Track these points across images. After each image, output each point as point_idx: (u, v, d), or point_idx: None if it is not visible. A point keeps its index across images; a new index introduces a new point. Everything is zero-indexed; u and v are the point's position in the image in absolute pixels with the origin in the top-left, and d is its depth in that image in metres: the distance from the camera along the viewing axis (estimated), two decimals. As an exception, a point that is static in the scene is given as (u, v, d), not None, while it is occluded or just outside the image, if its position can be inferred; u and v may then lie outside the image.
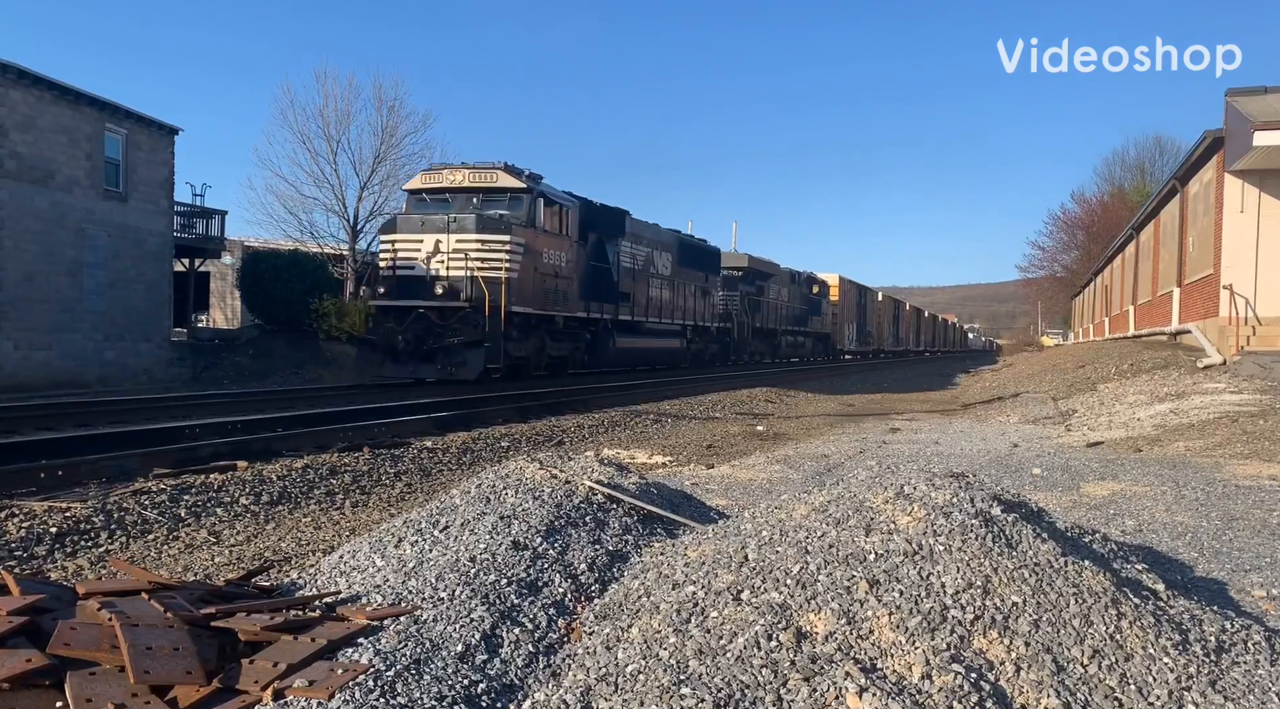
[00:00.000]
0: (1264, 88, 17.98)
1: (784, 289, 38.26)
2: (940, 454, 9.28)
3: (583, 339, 20.72)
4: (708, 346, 29.60)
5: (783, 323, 38.19)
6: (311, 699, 2.47)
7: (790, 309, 39.22)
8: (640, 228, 24.01)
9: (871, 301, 55.24)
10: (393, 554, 3.68)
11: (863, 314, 51.91)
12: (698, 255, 28.18)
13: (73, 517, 5.45)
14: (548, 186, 18.96)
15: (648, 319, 23.89)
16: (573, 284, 19.60)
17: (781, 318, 38.17)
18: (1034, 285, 79.12)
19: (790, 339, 39.38)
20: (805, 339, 41.54)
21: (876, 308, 56.45)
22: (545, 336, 18.79)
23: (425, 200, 18.18)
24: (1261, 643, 2.96)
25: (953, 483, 3.57)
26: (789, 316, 39.06)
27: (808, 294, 41.48)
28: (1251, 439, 9.18)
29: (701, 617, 2.93)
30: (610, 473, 4.61)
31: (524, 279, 17.28)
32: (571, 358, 20.29)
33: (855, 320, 50.26)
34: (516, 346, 17.35)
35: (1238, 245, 17.95)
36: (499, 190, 17.98)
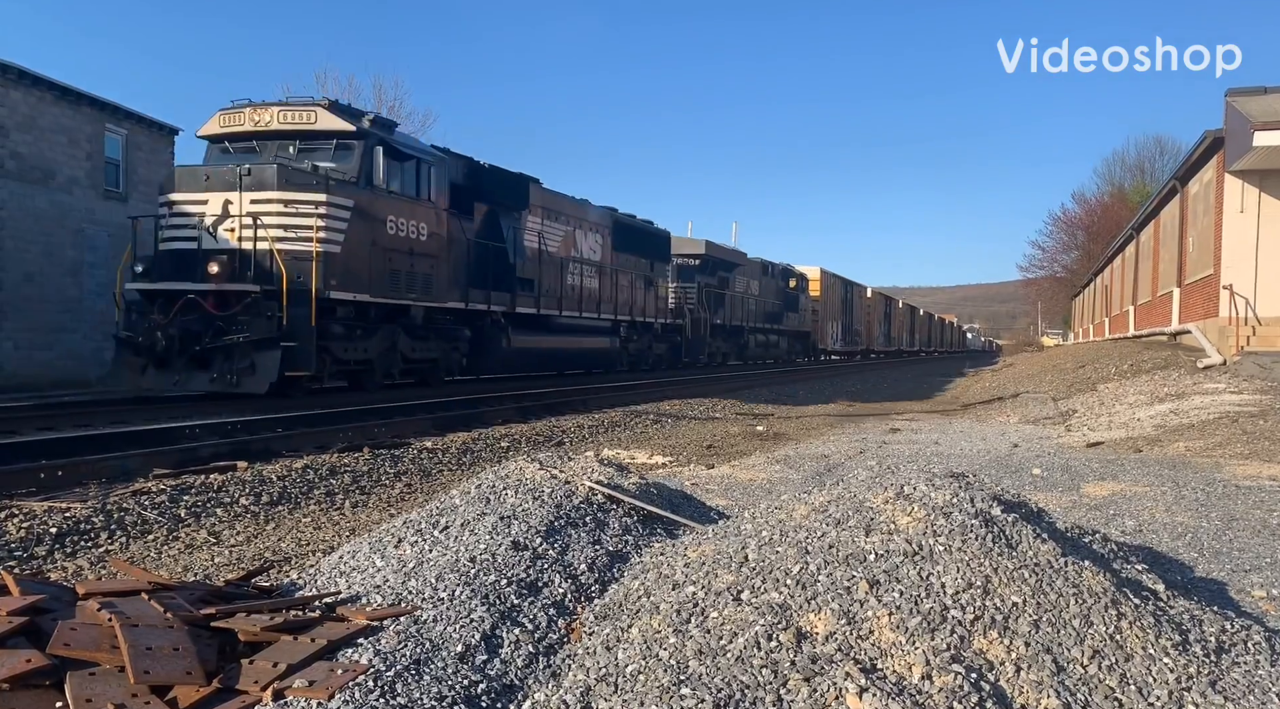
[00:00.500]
0: (1264, 88, 18.00)
1: (754, 282, 33.92)
2: (940, 454, 9.29)
3: (460, 337, 16.16)
4: (651, 346, 25.00)
5: (751, 319, 33.60)
6: (311, 699, 2.47)
7: (761, 304, 34.89)
8: (554, 201, 19.39)
9: (859, 298, 51.20)
10: (393, 554, 3.68)
11: (849, 311, 48.14)
12: (639, 239, 23.48)
13: (73, 517, 5.45)
14: (402, 136, 14.78)
15: (561, 313, 19.10)
16: (441, 266, 14.97)
17: (750, 314, 33.46)
18: (1034, 285, 79.19)
19: (761, 338, 35.00)
20: (780, 338, 37.35)
21: (865, 305, 52.84)
22: (399, 334, 14.44)
23: (228, 151, 13.55)
24: (1262, 643, 2.96)
25: (953, 483, 3.57)
26: (760, 313, 34.69)
27: (783, 288, 37.50)
28: (1251, 439, 9.18)
29: (701, 617, 2.93)
30: (610, 473, 4.61)
31: (353, 255, 12.86)
32: (445, 361, 15.97)
33: (840, 318, 46.54)
34: (345, 347, 13.19)
35: (1238, 245, 17.96)
36: (321, 135, 13.37)
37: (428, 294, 14.76)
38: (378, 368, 14.13)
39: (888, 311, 60.25)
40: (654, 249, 24.76)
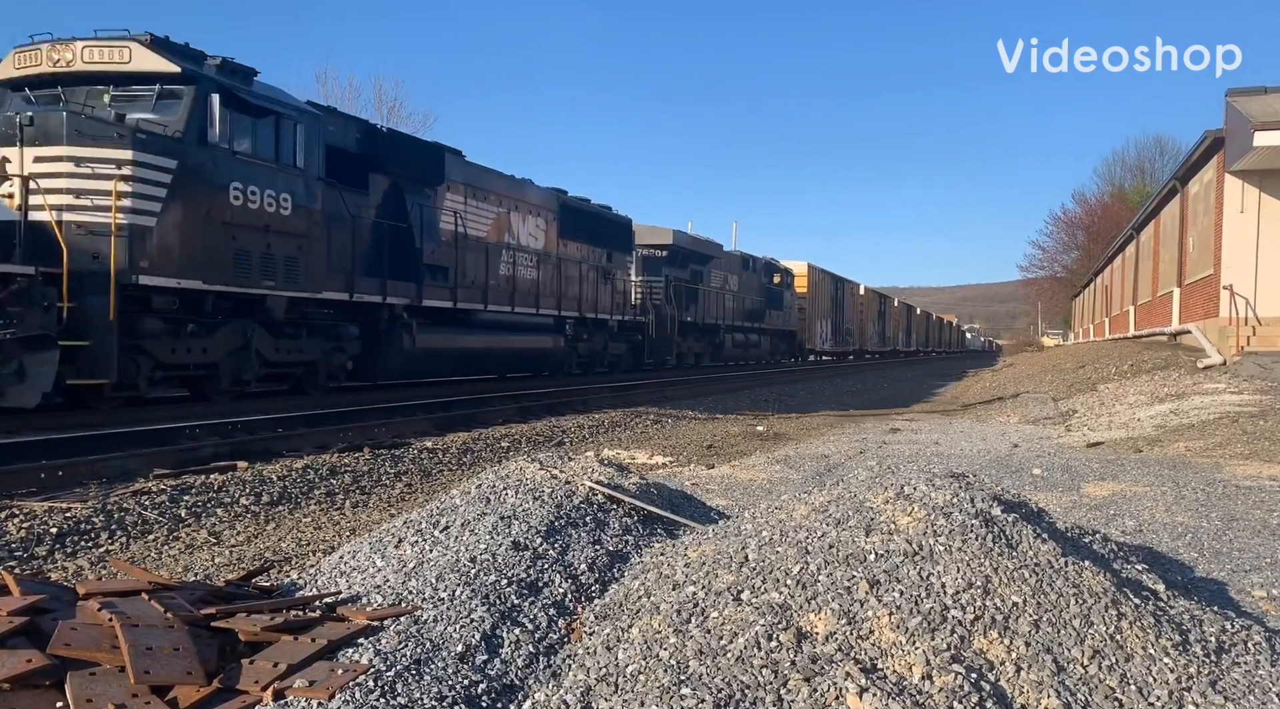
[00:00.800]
0: (1264, 88, 18.01)
1: (732, 277, 30.84)
2: (940, 454, 9.29)
3: (345, 335, 13.19)
4: (607, 346, 21.75)
5: (729, 317, 30.44)
6: (312, 699, 2.47)
7: (741, 301, 31.60)
8: (481, 177, 16.29)
9: (850, 295, 48.23)
10: (393, 554, 3.68)
11: (839, 309, 45.37)
12: (593, 225, 20.31)
13: (73, 517, 5.45)
14: (261, 86, 11.60)
15: (486, 306, 16.04)
16: (314, 248, 11.99)
17: (727, 311, 30.25)
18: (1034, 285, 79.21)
19: (740, 337, 31.85)
20: (762, 337, 34.17)
21: (857, 302, 49.97)
22: (254, 331, 11.46)
23: (30, 99, 10.55)
24: (1262, 643, 2.96)
25: (953, 483, 3.57)
26: (739, 310, 31.46)
27: (766, 284, 34.33)
28: (1252, 439, 9.18)
29: (702, 617, 2.93)
30: (610, 473, 4.61)
31: (176, 231, 10.09)
32: (324, 364, 13.02)
33: (830, 316, 43.70)
34: (172, 347, 10.39)
35: (1238, 246, 17.96)
36: (139, 78, 10.41)
37: (292, 282, 11.75)
38: (224, 372, 11.24)
39: (882, 310, 57.59)
40: (612, 237, 21.31)
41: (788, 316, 36.86)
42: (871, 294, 54.79)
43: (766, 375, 27.11)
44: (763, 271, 34.35)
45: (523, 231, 17.62)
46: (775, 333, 35.71)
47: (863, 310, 51.41)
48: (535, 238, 18.06)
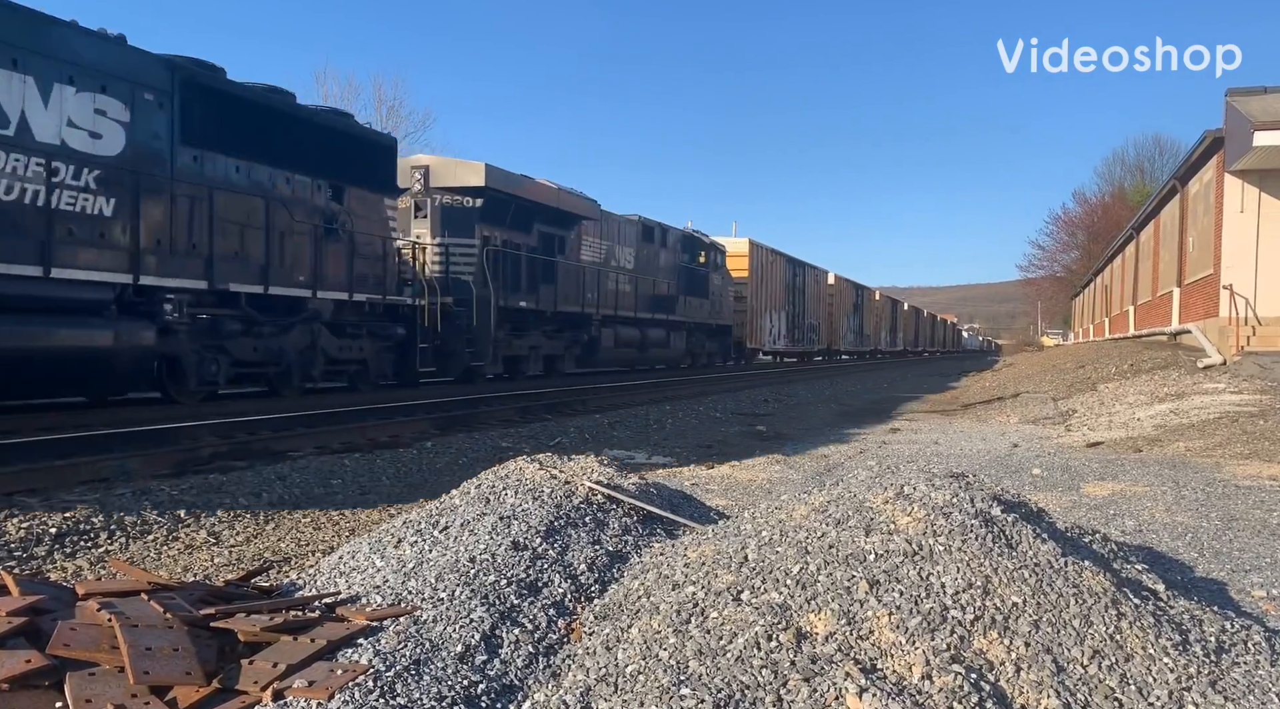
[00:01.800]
0: (1264, 88, 18.01)
1: (622, 250, 22.19)
2: (940, 454, 9.29)
3: None
4: (317, 344, 12.44)
5: (612, 304, 21.42)
6: (311, 700, 2.47)
7: (637, 283, 22.84)
8: None
9: (815, 284, 40.49)
10: (392, 555, 3.68)
11: (798, 300, 37.57)
12: (282, 131, 11.77)
13: (73, 517, 5.45)
14: None
15: None
16: None
17: (608, 296, 21.26)
18: (1034, 285, 79.26)
19: (630, 333, 22.37)
20: (674, 334, 25.18)
21: (825, 294, 42.31)
22: None
23: None
24: (1262, 643, 2.96)
25: (952, 483, 3.57)
26: (636, 296, 22.73)
27: (685, 265, 25.70)
28: (1251, 439, 9.18)
29: (701, 617, 2.93)
30: (610, 473, 4.61)
31: None
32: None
33: (784, 309, 35.74)
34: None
35: (1238, 245, 17.97)
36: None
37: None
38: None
39: (858, 303, 49.44)
40: (339, 158, 12.63)
41: (717, 307, 27.94)
42: (845, 284, 46.34)
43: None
44: (678, 247, 25.46)
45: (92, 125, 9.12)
46: (698, 328, 26.92)
47: (833, 303, 43.67)
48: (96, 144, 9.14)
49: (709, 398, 17.18)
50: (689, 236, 26.97)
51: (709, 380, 21.72)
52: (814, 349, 40.76)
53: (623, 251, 22.46)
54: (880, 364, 45.07)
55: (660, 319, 24.41)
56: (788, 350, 37.42)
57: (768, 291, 33.87)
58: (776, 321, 35.01)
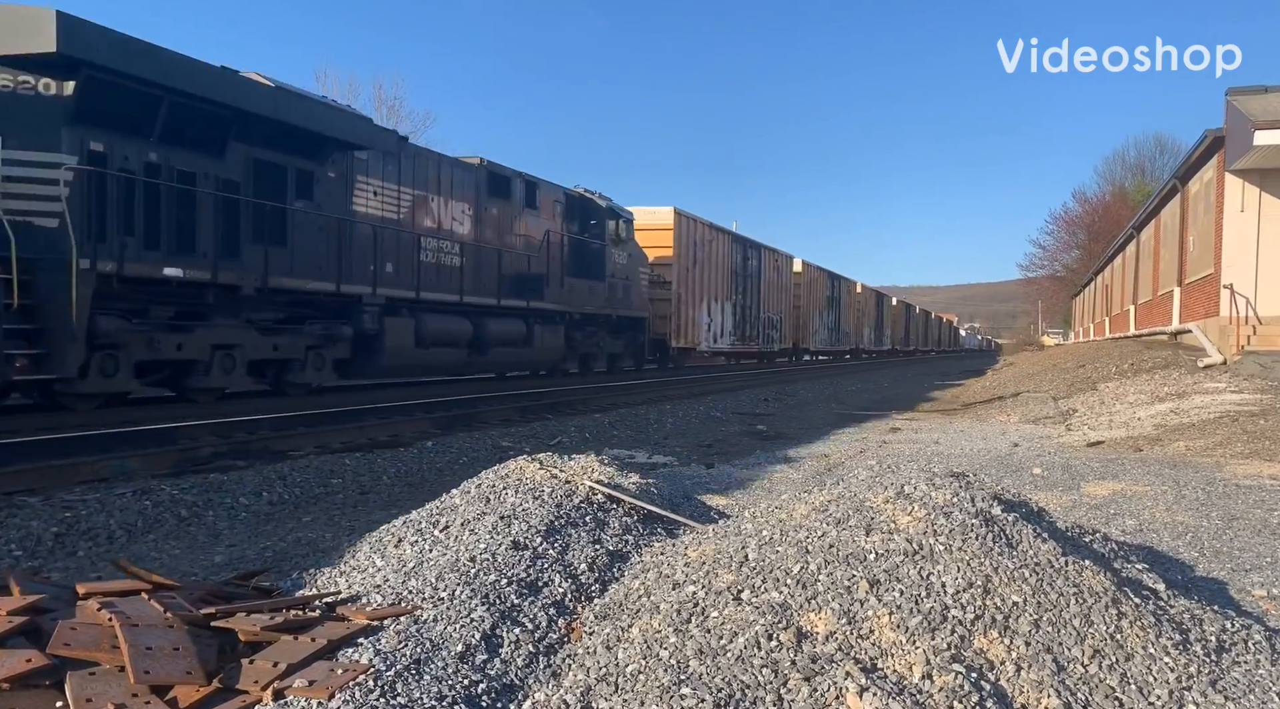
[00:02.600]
0: (1264, 87, 18.01)
1: (454, 207, 15.35)
2: (940, 454, 9.28)
3: None
4: None
5: (412, 282, 14.09)
6: (311, 699, 2.47)
7: (481, 256, 15.86)
8: None
9: (775, 272, 33.28)
10: (393, 554, 3.68)
11: (750, 290, 30.51)
12: None
13: (73, 517, 5.45)
14: None
15: None
16: None
17: (413, 271, 14.13)
18: (1035, 285, 79.26)
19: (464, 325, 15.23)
20: (549, 328, 17.76)
21: (788, 283, 35.04)
22: None
23: None
24: (1262, 642, 2.96)
25: (953, 482, 3.57)
26: (475, 273, 15.67)
27: (571, 235, 18.71)
28: (1252, 439, 9.18)
29: (702, 617, 2.93)
30: (610, 473, 4.61)
31: None
32: None
33: (732, 299, 28.84)
34: None
35: (1238, 245, 17.97)
36: None
37: None
38: None
39: (835, 296, 42.09)
40: None
41: (619, 293, 20.58)
42: (817, 273, 39.46)
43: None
44: (556, 211, 18.19)
45: None
46: (589, 321, 19.56)
47: (801, 295, 36.71)
48: None
49: (708, 398, 17.19)
50: (576, 198, 19.07)
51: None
52: (774, 349, 33.80)
53: (449, 208, 15.07)
54: (876, 364, 41.80)
55: (516, 307, 16.47)
56: (735, 350, 30.15)
57: (704, 277, 26.45)
58: (719, 315, 27.72)
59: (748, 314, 30.76)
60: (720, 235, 28.03)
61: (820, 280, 39.96)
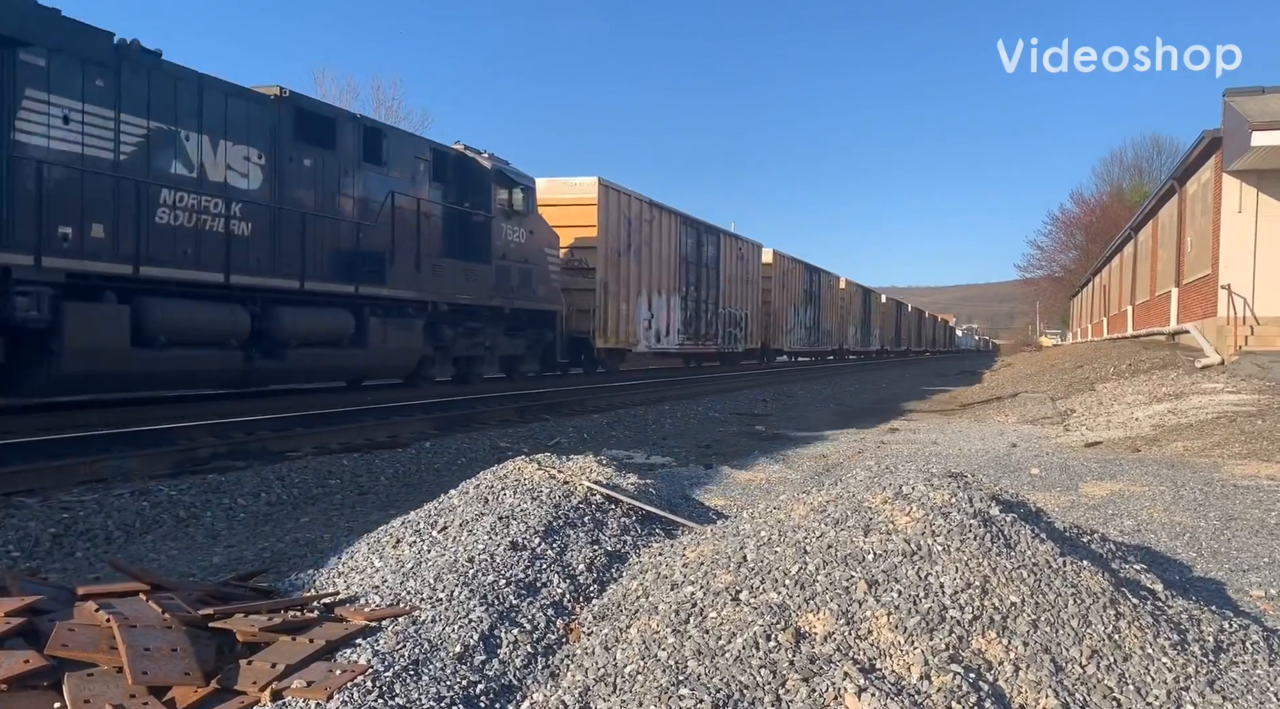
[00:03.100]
0: (1262, 88, 18.03)
1: (228, 152, 10.64)
2: (938, 454, 9.29)
3: None
4: None
5: (126, 251, 9.29)
6: (310, 700, 2.47)
7: (280, 221, 11.26)
8: None
9: (739, 262, 29.39)
10: (391, 555, 3.68)
11: (706, 282, 26.55)
12: None
13: (71, 517, 5.45)
14: None
15: None
16: None
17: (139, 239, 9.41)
18: (1033, 285, 79.30)
19: (226, 318, 10.51)
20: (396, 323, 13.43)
21: (759, 275, 31.31)
22: None
23: None
24: (1260, 643, 2.96)
25: (951, 483, 3.57)
26: (272, 243, 11.17)
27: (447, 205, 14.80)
28: (1250, 439, 9.19)
29: (700, 617, 2.93)
30: (608, 473, 4.61)
31: None
32: None
33: (679, 291, 24.45)
34: None
35: (1236, 245, 17.99)
36: None
37: None
38: None
39: (812, 290, 38.07)
40: None
41: (512, 281, 16.29)
42: (791, 265, 35.21)
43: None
44: (420, 169, 14.22)
45: None
46: (463, 314, 15.24)
47: (771, 289, 32.47)
48: None
49: (707, 398, 17.19)
50: (449, 157, 15.09)
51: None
52: (737, 349, 29.82)
53: (222, 153, 10.69)
54: (867, 367, 39.59)
55: (338, 294, 12.29)
56: (686, 351, 26.19)
57: (640, 266, 21.89)
58: (663, 311, 23.51)
59: (702, 309, 26.40)
60: (663, 215, 23.45)
61: (795, 273, 35.63)
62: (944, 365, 48.13)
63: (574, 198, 19.46)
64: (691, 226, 25.34)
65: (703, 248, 26.37)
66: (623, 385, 18.44)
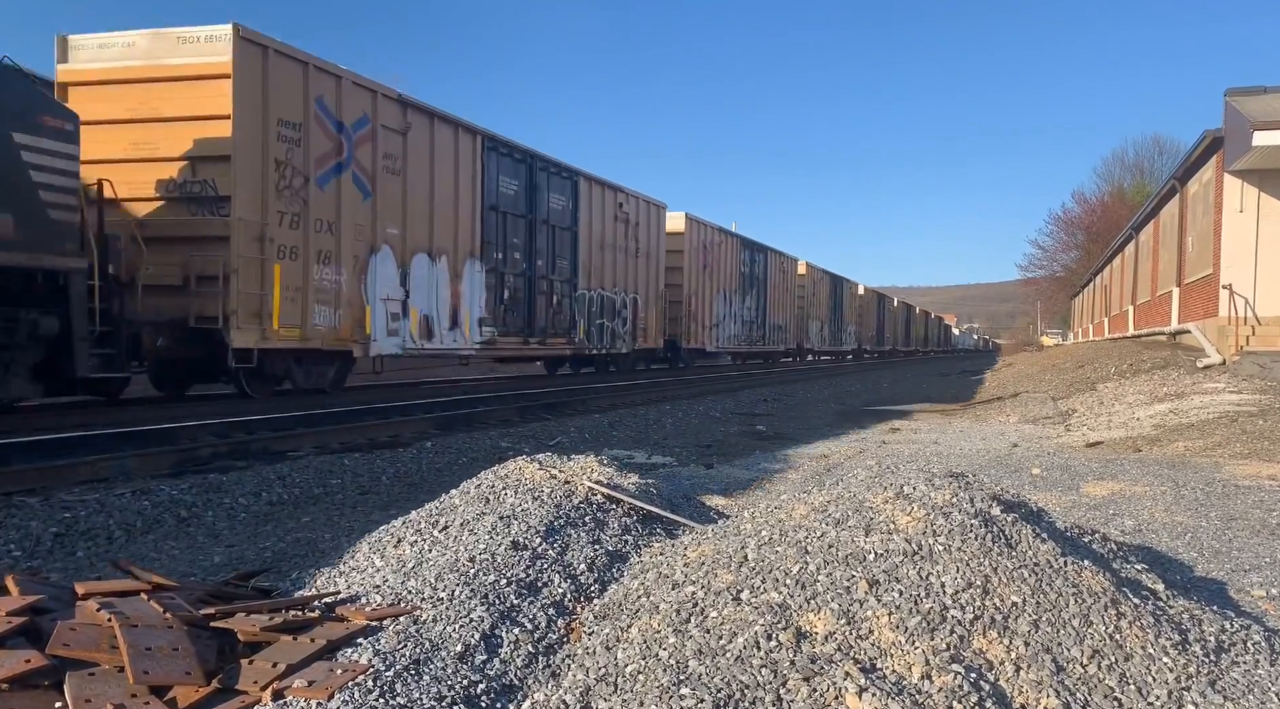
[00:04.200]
0: (1263, 88, 18.03)
1: None
2: (940, 454, 9.28)
3: None
4: None
5: None
6: (311, 699, 2.47)
7: None
8: None
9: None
10: (392, 554, 3.68)
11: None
12: None
13: (72, 517, 5.45)
14: None
15: None
16: None
17: None
18: (1034, 285, 79.29)
19: None
20: None
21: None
22: None
23: None
24: (1261, 643, 2.96)
25: (952, 483, 3.57)
26: None
27: None
28: (1251, 439, 9.19)
29: (701, 617, 2.93)
30: (609, 473, 4.61)
31: None
32: None
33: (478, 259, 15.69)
34: None
35: (1237, 245, 17.98)
36: None
37: None
38: None
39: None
40: None
41: None
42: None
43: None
44: None
45: None
46: None
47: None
48: None
49: (707, 398, 17.20)
50: None
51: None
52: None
53: None
54: (875, 365, 38.95)
55: None
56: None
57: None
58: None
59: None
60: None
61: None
62: (945, 365, 47.99)
63: (180, 68, 11.14)
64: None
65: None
66: (624, 385, 18.45)
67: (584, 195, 19.37)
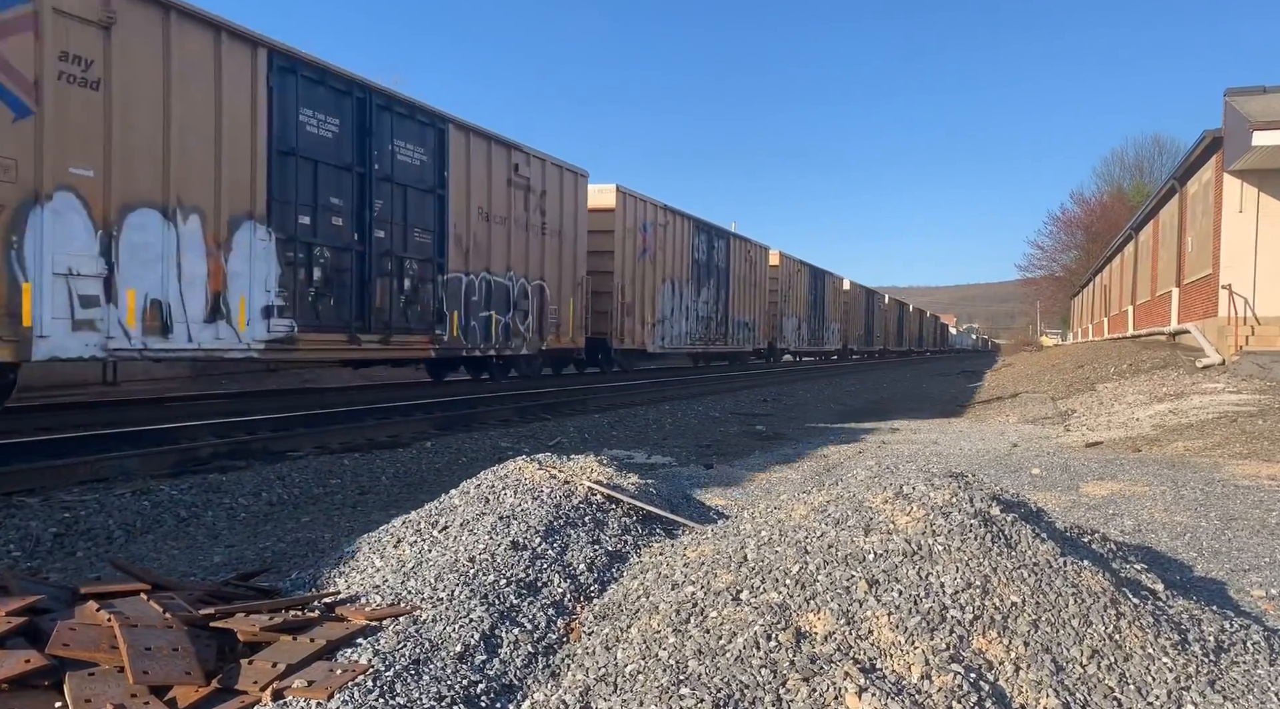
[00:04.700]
0: (1263, 87, 18.04)
1: None
2: (939, 454, 9.29)
3: None
4: None
5: None
6: (311, 699, 2.47)
7: None
8: None
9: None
10: (392, 554, 3.68)
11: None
12: None
13: (71, 517, 5.45)
14: None
15: None
16: None
17: None
18: (1033, 285, 79.31)
19: None
20: None
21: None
22: None
23: None
24: (1260, 643, 2.96)
25: (952, 483, 3.57)
26: None
27: None
28: (1250, 439, 9.19)
29: (701, 617, 2.93)
30: (609, 473, 4.61)
31: None
32: None
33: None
34: None
35: (1236, 245, 17.99)
36: None
37: None
38: None
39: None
40: None
41: None
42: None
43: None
44: None
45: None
46: None
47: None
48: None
49: (707, 398, 17.20)
50: None
51: None
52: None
53: None
54: (868, 366, 37.54)
55: None
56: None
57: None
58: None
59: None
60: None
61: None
62: (944, 365, 47.94)
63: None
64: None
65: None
66: (625, 385, 18.45)
67: (455, 149, 14.29)
